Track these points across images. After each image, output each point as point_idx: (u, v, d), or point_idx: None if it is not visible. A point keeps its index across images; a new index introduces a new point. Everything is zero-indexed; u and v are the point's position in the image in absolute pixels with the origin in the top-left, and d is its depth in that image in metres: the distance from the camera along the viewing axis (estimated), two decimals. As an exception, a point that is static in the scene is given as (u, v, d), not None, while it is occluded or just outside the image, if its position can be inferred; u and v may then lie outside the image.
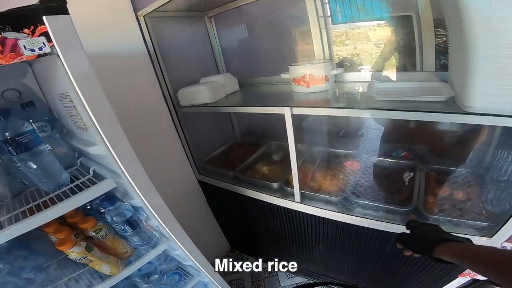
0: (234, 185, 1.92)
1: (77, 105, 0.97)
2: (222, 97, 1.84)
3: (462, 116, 1.02)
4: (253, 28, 2.06)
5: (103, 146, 1.02)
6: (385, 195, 1.56)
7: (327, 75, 1.51)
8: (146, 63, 1.74)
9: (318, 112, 1.34)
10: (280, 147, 2.20)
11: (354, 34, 1.62)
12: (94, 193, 1.11)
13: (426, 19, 1.36)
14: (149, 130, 1.82)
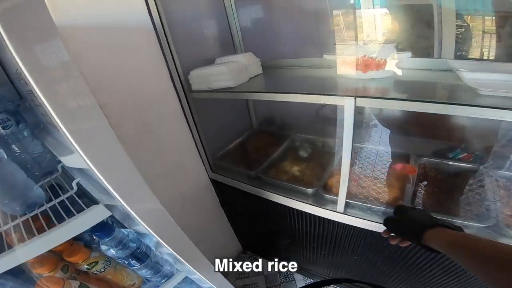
0: (256, 187, 1.52)
1: (33, 90, 0.54)
2: (245, 80, 1.42)
3: None
4: (280, 2, 1.63)
5: (80, 158, 0.59)
6: (453, 206, 1.19)
7: (390, 59, 1.09)
8: (151, 39, 1.31)
9: (395, 106, 0.92)
10: (306, 141, 1.79)
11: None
12: (79, 226, 0.70)
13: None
14: (153, 120, 1.40)
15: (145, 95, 1.33)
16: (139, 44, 1.27)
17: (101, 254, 0.93)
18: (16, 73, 0.66)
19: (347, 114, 0.99)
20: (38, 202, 0.81)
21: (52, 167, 0.97)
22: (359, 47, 1.12)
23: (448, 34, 1.17)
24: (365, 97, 0.94)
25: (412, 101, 0.89)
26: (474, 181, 1.26)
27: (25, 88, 0.70)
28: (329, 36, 1.44)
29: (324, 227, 1.44)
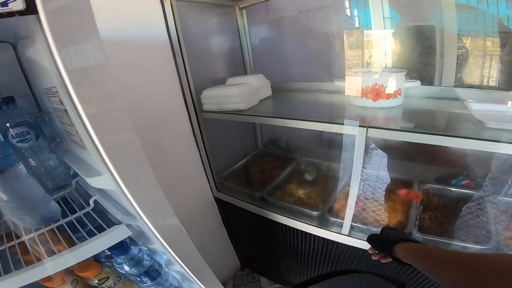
0: (261, 208, 1.51)
1: (69, 110, 0.54)
2: (255, 103, 1.44)
3: None
4: (291, 25, 1.68)
5: (110, 180, 0.60)
6: (455, 230, 1.21)
7: (400, 88, 1.12)
8: (167, 55, 1.33)
9: (405, 138, 0.93)
10: (311, 164, 1.80)
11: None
12: (100, 245, 0.70)
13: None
14: (164, 136, 1.40)
15: (157, 111, 1.34)
16: (155, 59, 1.29)
17: (112, 270, 0.92)
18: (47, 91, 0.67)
19: (358, 143, 1.00)
20: (55, 217, 0.81)
21: (65, 181, 0.97)
22: (370, 75, 1.14)
23: (450, 58, 1.22)
24: (377, 127, 0.96)
25: (423, 134, 0.90)
26: (475, 206, 1.27)
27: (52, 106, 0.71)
28: (338, 60, 1.48)
29: (327, 248, 1.43)
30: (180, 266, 0.87)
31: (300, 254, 1.62)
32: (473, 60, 1.21)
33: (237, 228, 1.91)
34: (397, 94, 1.12)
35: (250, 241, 1.93)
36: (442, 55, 1.25)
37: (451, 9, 1.18)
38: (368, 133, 0.97)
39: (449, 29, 1.21)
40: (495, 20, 1.14)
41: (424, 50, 1.29)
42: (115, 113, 0.57)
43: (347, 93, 1.26)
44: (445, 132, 0.89)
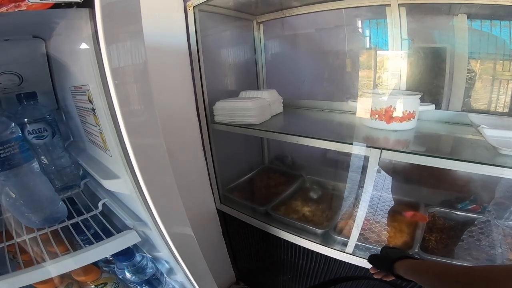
0: (264, 223, 1.49)
1: (99, 111, 0.53)
2: (267, 118, 1.43)
3: None
4: (306, 42, 1.69)
5: (129, 184, 0.58)
6: (460, 252, 1.19)
7: (414, 111, 1.11)
8: (184, 63, 1.34)
9: (419, 161, 0.92)
10: (316, 183, 1.78)
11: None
12: (108, 249, 0.67)
13: None
14: (174, 144, 1.39)
15: (170, 118, 1.33)
16: (173, 66, 1.30)
17: (111, 276, 0.89)
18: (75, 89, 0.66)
19: (371, 164, 0.99)
20: (60, 218, 0.79)
21: (74, 181, 0.96)
22: (384, 97, 1.14)
23: (460, 82, 1.23)
24: (391, 150, 0.95)
25: (437, 158, 0.89)
26: (481, 230, 1.25)
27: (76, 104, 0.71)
28: (351, 80, 1.49)
29: (329, 265, 1.41)
30: (184, 276, 0.84)
31: (300, 270, 1.59)
32: (483, 84, 1.22)
33: (237, 241, 1.88)
34: (410, 117, 1.12)
35: (249, 255, 1.89)
36: (451, 78, 1.26)
37: (464, 33, 1.20)
38: (382, 155, 0.96)
39: (460, 52, 1.23)
40: (506, 45, 1.15)
41: (435, 73, 1.30)
42: (149, 116, 0.56)
43: (359, 114, 1.25)
44: (459, 157, 0.88)
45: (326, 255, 1.35)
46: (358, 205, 1.48)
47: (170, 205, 0.70)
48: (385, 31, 1.26)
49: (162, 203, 0.66)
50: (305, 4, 1.47)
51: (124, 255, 0.79)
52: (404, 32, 1.22)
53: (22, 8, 0.41)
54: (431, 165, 0.91)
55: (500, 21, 1.14)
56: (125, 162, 0.56)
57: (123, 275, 0.84)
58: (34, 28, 0.78)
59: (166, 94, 1.29)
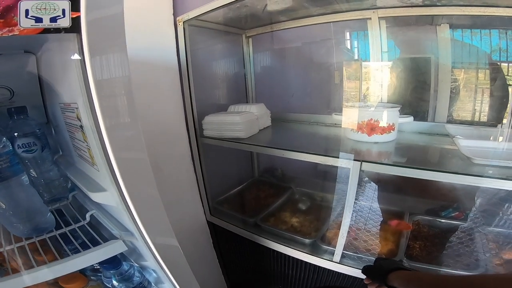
0: (254, 233, 1.50)
1: (86, 129, 0.56)
2: (255, 132, 1.47)
3: None
4: (294, 56, 1.74)
5: (114, 196, 0.61)
6: (445, 258, 1.22)
7: (394, 123, 1.16)
8: (174, 77, 1.37)
9: (397, 172, 0.96)
10: (305, 194, 1.80)
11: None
12: (94, 258, 0.69)
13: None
14: (162, 158, 1.41)
15: (159, 132, 1.35)
16: (163, 80, 1.33)
17: (98, 284, 0.90)
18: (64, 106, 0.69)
19: (352, 176, 1.02)
20: (48, 228, 0.80)
21: (62, 194, 0.97)
22: (366, 110, 1.18)
23: (444, 93, 1.27)
24: (370, 162, 0.99)
25: (414, 169, 0.93)
26: (465, 236, 1.28)
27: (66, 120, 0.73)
28: (337, 92, 1.53)
29: (318, 275, 1.42)
30: (171, 285, 0.85)
31: (290, 280, 1.59)
32: (466, 93, 1.26)
33: (227, 252, 1.88)
34: (390, 130, 1.16)
35: (240, 266, 1.89)
36: (436, 90, 1.30)
37: (447, 44, 1.25)
38: (362, 167, 0.99)
39: (443, 63, 1.27)
40: (486, 55, 1.20)
41: (419, 85, 1.34)
42: (134, 131, 0.59)
43: (343, 126, 1.29)
44: (435, 168, 0.92)
45: (314, 264, 1.36)
46: (337, 214, 1.52)
47: (154, 216, 0.72)
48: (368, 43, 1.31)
49: (146, 215, 0.68)
50: (292, 19, 1.53)
51: (111, 264, 0.80)
52: (384, 45, 1.27)
53: (15, 33, 0.44)
54: (409, 175, 0.94)
55: (481, 30, 1.20)
56: (110, 176, 0.58)
57: (110, 283, 0.85)
58: (26, 43, 0.81)
59: (155, 108, 1.31)
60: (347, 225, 1.16)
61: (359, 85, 1.43)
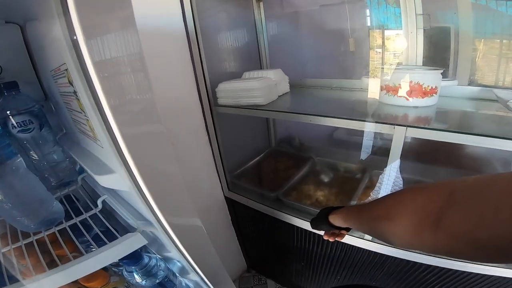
0: (276, 209, 1.40)
1: (79, 91, 0.43)
2: (274, 98, 1.32)
3: None
4: (311, 18, 1.54)
5: (124, 180, 0.48)
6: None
7: (437, 86, 1.00)
8: (182, 45, 1.22)
9: (449, 139, 0.81)
10: (327, 165, 1.68)
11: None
12: (109, 257, 0.58)
13: None
14: (175, 131, 1.29)
15: (170, 104, 1.22)
16: (170, 49, 1.17)
17: (121, 279, 0.81)
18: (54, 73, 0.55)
19: (396, 144, 0.89)
20: (57, 219, 0.70)
21: (70, 177, 0.86)
22: (405, 72, 1.03)
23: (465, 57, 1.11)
24: (419, 127, 0.84)
25: (468, 135, 0.78)
26: None
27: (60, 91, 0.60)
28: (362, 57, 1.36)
29: (346, 253, 1.33)
30: (198, 276, 0.75)
31: (314, 258, 1.51)
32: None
33: (247, 229, 1.80)
34: (433, 93, 1.01)
35: (260, 243, 1.82)
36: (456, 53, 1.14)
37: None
38: (407, 133, 0.85)
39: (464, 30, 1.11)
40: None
41: (449, 50, 1.18)
42: (144, 98, 0.46)
43: (374, 91, 1.14)
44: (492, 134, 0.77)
45: (343, 242, 1.26)
46: (374, 187, 1.40)
47: (175, 200, 0.60)
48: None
49: (165, 201, 0.56)
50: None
51: (130, 259, 0.71)
52: (418, 7, 1.10)
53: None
54: (462, 143, 0.80)
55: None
56: (116, 153, 0.45)
57: (131, 278, 0.76)
58: (5, 13, 0.68)
59: (164, 79, 1.17)
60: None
61: (382, 51, 1.25)
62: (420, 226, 0.37)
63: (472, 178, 0.35)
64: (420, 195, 0.41)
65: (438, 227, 0.34)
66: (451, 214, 0.33)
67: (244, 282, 2.11)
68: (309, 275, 1.68)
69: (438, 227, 0.34)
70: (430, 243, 0.36)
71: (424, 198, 0.39)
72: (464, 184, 0.35)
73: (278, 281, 2.05)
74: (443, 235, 0.34)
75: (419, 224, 0.37)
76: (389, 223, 0.43)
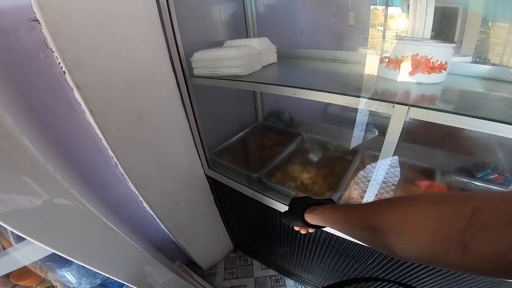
0: (257, 192, 1.27)
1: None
2: (257, 69, 1.14)
3: None
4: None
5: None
6: None
7: (447, 62, 0.83)
8: (150, 9, 1.01)
9: (462, 124, 0.64)
10: (316, 143, 1.53)
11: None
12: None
13: None
14: (146, 106, 1.11)
15: (138, 76, 1.04)
16: (135, 13, 0.97)
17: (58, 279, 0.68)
18: None
19: (394, 125, 0.73)
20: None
21: None
22: (410, 43, 0.85)
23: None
24: (422, 107, 0.68)
25: (481, 119, 0.62)
26: None
27: None
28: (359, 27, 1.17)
29: (330, 241, 1.22)
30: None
31: (298, 244, 1.41)
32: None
33: (230, 209, 1.68)
34: (441, 69, 0.83)
35: (244, 225, 1.71)
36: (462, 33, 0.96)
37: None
38: (409, 113, 0.69)
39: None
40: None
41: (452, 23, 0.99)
42: None
43: (373, 63, 0.96)
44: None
45: (328, 232, 1.15)
46: (365, 170, 1.26)
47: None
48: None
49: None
50: None
51: (55, 261, 0.57)
52: None
53: None
54: (473, 129, 0.64)
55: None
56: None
57: (66, 281, 0.63)
58: None
59: (131, 48, 0.99)
60: (377, 186, 0.91)
61: (384, 21, 1.06)
62: (442, 246, 0.35)
63: (497, 196, 0.32)
64: (433, 212, 0.37)
65: (466, 249, 0.32)
66: (480, 237, 0.31)
67: (230, 262, 2.05)
68: (294, 259, 1.59)
69: (466, 249, 0.32)
70: (455, 263, 0.34)
71: (439, 217, 0.36)
72: (488, 203, 0.32)
73: (263, 262, 1.99)
74: (472, 258, 0.32)
75: (440, 244, 0.35)
76: (397, 238, 0.41)
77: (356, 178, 1.22)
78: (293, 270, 1.76)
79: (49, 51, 0.84)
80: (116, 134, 1.02)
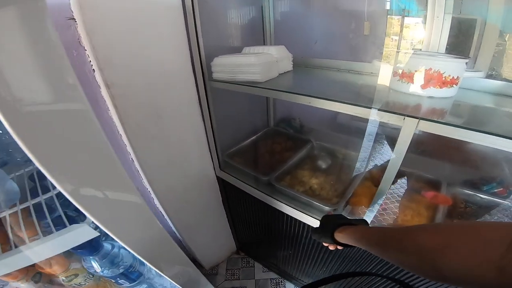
0: (266, 194, 1.30)
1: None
2: (274, 76, 1.18)
3: None
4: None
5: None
6: None
7: (459, 77, 0.85)
8: (177, 13, 1.06)
9: (467, 138, 0.67)
10: (325, 150, 1.56)
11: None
12: (55, 247, 0.47)
13: None
14: (165, 105, 1.15)
15: (161, 77, 1.08)
16: (163, 18, 1.02)
17: (83, 266, 0.71)
18: None
19: (404, 137, 0.76)
20: (12, 200, 0.59)
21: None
22: (424, 58, 0.88)
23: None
24: (432, 120, 0.71)
25: (494, 135, 0.65)
26: (503, 218, 1.09)
27: None
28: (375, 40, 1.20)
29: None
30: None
31: (302, 248, 1.43)
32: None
33: (237, 211, 1.71)
34: (453, 83, 0.86)
35: (250, 226, 1.73)
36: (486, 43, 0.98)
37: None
38: (419, 126, 0.72)
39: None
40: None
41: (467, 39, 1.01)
42: None
43: (386, 76, 0.99)
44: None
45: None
46: (373, 180, 1.28)
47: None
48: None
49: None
50: None
51: (85, 248, 0.60)
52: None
53: None
54: (481, 143, 0.66)
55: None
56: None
57: (91, 269, 0.66)
58: None
59: (155, 49, 1.03)
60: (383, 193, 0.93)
61: (400, 35, 1.08)
62: (480, 269, 0.37)
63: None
64: (482, 237, 0.40)
65: (502, 273, 0.35)
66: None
67: (232, 263, 2.06)
68: (296, 263, 1.61)
69: (502, 273, 0.35)
70: (491, 282, 0.36)
71: (483, 242, 0.39)
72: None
73: (265, 265, 2.00)
74: (507, 281, 0.34)
75: (479, 265, 0.37)
76: (445, 257, 0.41)
77: (362, 187, 1.24)
78: (294, 274, 1.77)
79: (82, 49, 0.88)
80: (135, 131, 1.06)
